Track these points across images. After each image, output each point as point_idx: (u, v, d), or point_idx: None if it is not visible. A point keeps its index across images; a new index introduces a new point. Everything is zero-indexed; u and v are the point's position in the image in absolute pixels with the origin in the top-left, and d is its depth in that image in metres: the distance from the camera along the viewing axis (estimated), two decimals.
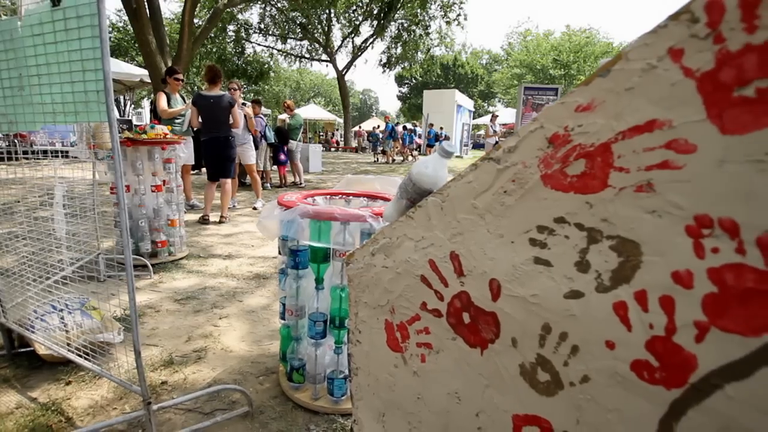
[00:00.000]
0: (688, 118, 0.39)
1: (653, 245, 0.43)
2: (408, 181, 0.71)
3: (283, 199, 1.24)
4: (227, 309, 2.02)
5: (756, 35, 0.35)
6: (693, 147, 0.40)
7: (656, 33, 0.40)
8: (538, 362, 0.56)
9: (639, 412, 0.47)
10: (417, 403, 0.78)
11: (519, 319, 0.57)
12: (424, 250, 0.69)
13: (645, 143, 0.42)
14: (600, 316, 0.48)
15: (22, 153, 1.72)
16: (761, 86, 0.35)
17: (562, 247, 0.51)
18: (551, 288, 0.52)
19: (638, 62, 0.42)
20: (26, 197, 1.88)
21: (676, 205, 0.41)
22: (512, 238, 0.56)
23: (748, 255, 0.38)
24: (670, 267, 0.42)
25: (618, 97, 0.43)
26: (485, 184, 0.57)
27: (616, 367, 0.48)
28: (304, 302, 1.27)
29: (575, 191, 0.48)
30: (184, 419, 1.23)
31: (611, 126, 0.44)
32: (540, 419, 0.58)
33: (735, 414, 0.41)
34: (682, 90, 0.39)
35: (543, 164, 0.51)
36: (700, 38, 0.38)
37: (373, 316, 0.83)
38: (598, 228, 0.47)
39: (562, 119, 0.48)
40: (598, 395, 0.50)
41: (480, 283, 0.61)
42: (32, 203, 1.98)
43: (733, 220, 0.38)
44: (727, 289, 0.39)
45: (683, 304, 0.42)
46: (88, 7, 0.96)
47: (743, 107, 0.37)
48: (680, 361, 0.43)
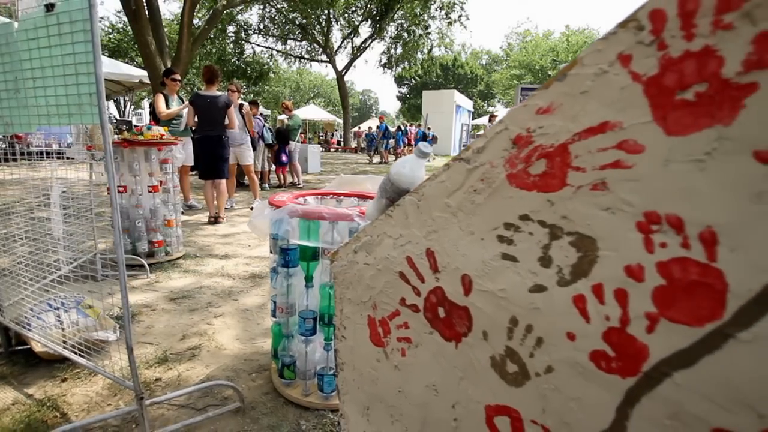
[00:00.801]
0: (636, 120, 0.42)
1: (608, 241, 0.46)
2: (387, 181, 0.73)
3: (274, 199, 1.26)
4: (222, 308, 2.04)
5: (694, 42, 0.37)
6: (641, 147, 0.42)
7: (607, 39, 0.43)
8: (507, 354, 0.58)
9: (598, 400, 0.49)
10: (398, 396, 0.80)
11: (489, 312, 0.59)
12: (402, 247, 0.71)
13: (599, 144, 0.45)
14: (561, 309, 0.50)
15: (20, 154, 1.75)
16: (699, 90, 0.38)
17: (526, 244, 0.53)
18: (517, 282, 0.54)
19: (591, 67, 0.44)
20: (24, 198, 1.91)
21: (627, 202, 0.44)
22: (482, 235, 0.58)
23: (692, 249, 0.40)
24: (624, 261, 0.45)
25: (574, 100, 0.46)
26: (457, 183, 0.60)
27: (577, 357, 0.50)
28: (294, 300, 1.30)
29: (537, 190, 0.51)
30: (177, 415, 1.26)
31: (568, 127, 0.47)
32: (510, 409, 0.60)
33: (682, 400, 0.43)
34: (630, 93, 0.42)
35: (508, 164, 0.53)
36: (645, 45, 0.40)
37: (357, 312, 0.85)
38: (558, 225, 0.50)
39: (525, 121, 0.50)
40: (561, 385, 0.53)
41: (453, 278, 0.63)
42: (30, 204, 2.01)
43: (678, 216, 0.41)
44: (674, 281, 0.42)
45: (635, 297, 0.44)
46: (81, 12, 0.98)
47: (684, 110, 0.39)
48: (634, 351, 0.45)
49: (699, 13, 0.37)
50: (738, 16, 0.35)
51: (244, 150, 4.46)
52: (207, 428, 1.20)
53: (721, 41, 0.36)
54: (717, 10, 0.36)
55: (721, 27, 0.36)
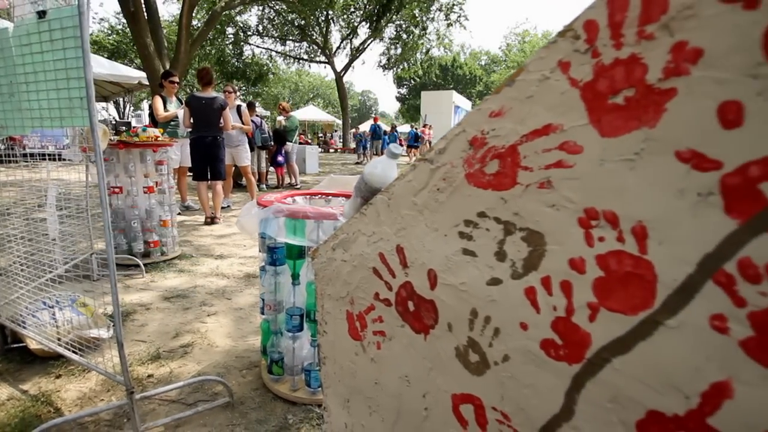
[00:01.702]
0: (574, 122, 0.45)
1: (554, 235, 0.49)
2: (361, 181, 0.76)
3: (262, 199, 1.29)
4: (216, 307, 2.08)
5: (622, 51, 0.40)
6: (580, 148, 0.45)
7: (549, 48, 0.46)
8: (469, 344, 0.61)
9: (549, 386, 0.52)
10: (375, 387, 0.83)
11: (452, 305, 0.62)
12: (375, 244, 0.74)
13: (543, 145, 0.48)
14: (515, 301, 0.54)
15: (16, 156, 1.78)
16: (628, 95, 0.41)
17: (484, 239, 0.56)
18: (476, 276, 0.57)
19: (536, 73, 0.47)
20: (22, 199, 1.94)
21: (569, 199, 0.47)
22: (445, 232, 0.61)
23: (626, 243, 0.43)
24: (568, 255, 0.48)
25: (521, 104, 0.49)
26: (422, 182, 0.63)
27: (529, 346, 0.53)
28: (282, 297, 1.33)
29: (492, 188, 0.54)
30: (167, 410, 1.29)
31: (517, 130, 0.50)
32: (473, 397, 0.63)
33: (621, 384, 0.46)
34: (569, 98, 0.45)
35: (466, 164, 0.56)
36: (581, 53, 0.43)
37: (336, 308, 0.88)
38: (511, 221, 0.53)
39: (480, 124, 0.53)
40: (516, 372, 0.56)
41: (420, 273, 0.66)
42: (26, 204, 2.04)
43: (613, 212, 0.44)
44: (611, 273, 0.45)
45: (578, 288, 0.47)
46: (71, 19, 1.02)
47: (615, 113, 0.42)
48: (578, 338, 0.48)
49: (625, 24, 0.40)
50: (658, 27, 0.38)
51: (241, 151, 4.49)
52: (196, 422, 1.23)
53: (644, 50, 0.39)
54: (640, 21, 0.39)
55: (644, 37, 0.39)
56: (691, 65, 0.37)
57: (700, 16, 0.36)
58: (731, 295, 0.37)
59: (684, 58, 0.37)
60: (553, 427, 0.53)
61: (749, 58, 0.34)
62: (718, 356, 0.39)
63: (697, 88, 0.37)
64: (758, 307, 0.36)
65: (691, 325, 0.40)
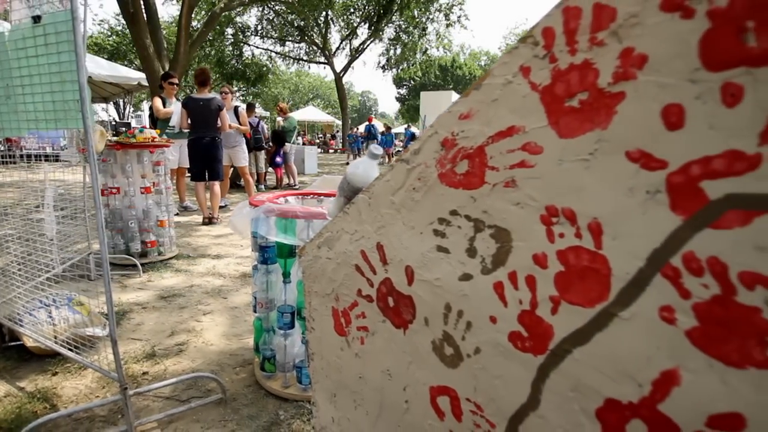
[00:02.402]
0: (535, 124, 0.47)
1: (519, 232, 0.51)
2: (344, 181, 0.78)
3: (254, 198, 1.32)
4: (211, 306, 2.10)
5: (576, 56, 0.43)
6: (540, 149, 0.47)
7: (511, 53, 0.48)
8: (444, 338, 0.63)
9: (517, 376, 0.55)
10: (359, 382, 0.85)
11: (428, 300, 0.64)
12: (357, 242, 0.76)
13: (508, 146, 0.50)
14: (485, 295, 0.56)
15: (13, 157, 1.81)
16: (582, 98, 0.43)
17: (456, 236, 0.58)
18: (449, 272, 0.60)
19: (500, 78, 0.49)
20: (19, 200, 1.96)
21: (532, 197, 0.49)
22: (420, 230, 0.63)
23: (583, 239, 0.45)
24: (531, 250, 0.50)
25: (487, 107, 0.51)
26: (399, 182, 0.65)
27: (498, 338, 0.55)
28: (273, 295, 1.35)
29: (463, 187, 0.56)
30: (161, 406, 1.31)
31: (484, 131, 0.52)
32: (449, 389, 0.65)
33: (581, 374, 0.48)
34: (530, 101, 0.47)
35: (439, 164, 0.58)
36: (540, 58, 0.45)
37: (323, 304, 0.90)
38: (481, 219, 0.55)
39: (450, 126, 0.56)
40: (487, 364, 0.58)
41: (399, 269, 0.68)
42: (24, 205, 2.06)
43: (571, 209, 0.46)
44: (570, 267, 0.47)
45: (541, 282, 0.50)
46: (65, 24, 1.04)
47: (571, 115, 0.44)
48: (542, 331, 0.51)
49: (579, 31, 0.42)
50: (608, 34, 0.40)
51: (238, 152, 4.51)
52: (189, 418, 1.25)
53: (596, 56, 0.41)
54: (592, 28, 0.41)
55: (595, 43, 0.41)
56: (638, 70, 0.39)
57: (644, 24, 0.38)
58: (678, 287, 0.40)
59: (631, 64, 0.39)
60: (521, 416, 0.56)
61: (688, 63, 0.36)
62: (667, 346, 0.41)
63: (643, 91, 0.39)
64: (701, 299, 0.38)
65: (642, 316, 0.42)
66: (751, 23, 0.33)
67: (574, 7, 0.42)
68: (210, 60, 16.53)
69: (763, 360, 0.36)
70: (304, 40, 19.24)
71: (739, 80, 0.34)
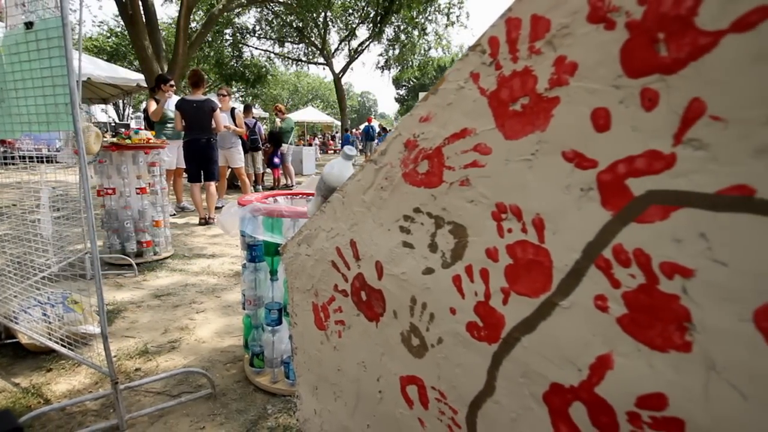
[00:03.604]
0: (484, 126, 0.50)
1: (474, 228, 0.54)
2: (321, 181, 0.81)
3: (243, 198, 1.35)
4: (205, 304, 2.13)
5: (518, 64, 0.46)
6: (490, 149, 0.50)
7: (463, 60, 0.51)
8: (411, 330, 0.67)
9: (474, 364, 0.58)
10: (338, 374, 0.88)
11: (396, 294, 0.67)
12: (332, 239, 0.79)
13: (461, 147, 0.53)
14: (445, 288, 0.59)
15: (10, 158, 1.84)
16: (524, 102, 0.46)
17: (419, 233, 0.61)
18: (414, 266, 0.63)
19: (453, 83, 0.52)
20: (16, 201, 1.99)
21: (484, 195, 0.52)
22: (388, 227, 0.66)
23: (528, 233, 0.49)
24: (485, 245, 0.53)
25: (443, 110, 0.54)
26: (369, 181, 0.68)
27: (457, 329, 0.58)
28: (262, 293, 1.38)
29: (424, 186, 0.59)
30: (152, 401, 1.34)
31: (441, 133, 0.55)
32: (416, 378, 0.68)
33: (529, 360, 0.51)
34: (479, 105, 0.50)
35: (403, 165, 0.61)
36: (487, 65, 0.49)
37: (304, 300, 0.94)
38: (440, 216, 0.58)
39: (412, 128, 0.59)
40: (449, 353, 0.61)
41: (370, 264, 0.71)
42: (21, 206, 2.09)
43: (517, 206, 0.49)
44: (518, 260, 0.50)
45: (494, 275, 0.53)
46: (56, 30, 1.07)
47: (515, 118, 0.47)
48: (495, 320, 0.54)
49: (520, 40, 0.45)
50: (544, 43, 0.43)
51: (234, 153, 4.54)
52: (179, 412, 1.28)
53: (534, 63, 0.44)
54: (530, 38, 0.44)
55: (533, 52, 0.44)
56: (570, 76, 0.42)
57: (574, 34, 0.41)
58: (609, 277, 0.43)
59: (564, 71, 0.42)
60: (479, 402, 0.59)
61: (612, 70, 0.39)
62: (601, 332, 0.44)
63: (574, 96, 0.42)
64: (629, 288, 0.42)
65: (579, 305, 0.45)
66: (662, 35, 0.36)
67: (515, 18, 0.45)
68: (209, 61, 16.56)
69: (682, 344, 0.39)
70: (303, 41, 19.27)
71: (655, 86, 0.37)
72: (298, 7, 14.92)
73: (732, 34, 0.33)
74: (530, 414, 0.52)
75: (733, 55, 0.33)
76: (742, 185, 0.34)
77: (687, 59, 0.35)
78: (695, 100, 0.36)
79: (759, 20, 0.32)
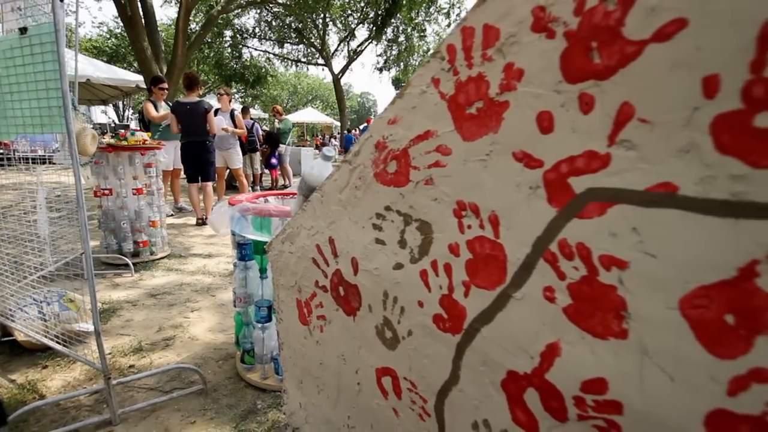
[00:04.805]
0: (445, 129, 0.53)
1: (438, 225, 0.57)
2: (302, 181, 0.84)
3: (233, 198, 1.38)
4: (200, 303, 2.16)
5: (473, 70, 0.49)
6: (450, 150, 0.53)
7: (425, 66, 0.54)
8: (384, 323, 0.69)
9: (440, 355, 0.61)
10: (320, 367, 0.91)
11: (370, 288, 0.70)
12: (313, 236, 0.82)
13: (425, 148, 0.56)
14: (413, 282, 0.62)
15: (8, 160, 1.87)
16: (479, 106, 0.49)
17: (390, 230, 0.64)
18: (385, 262, 0.66)
19: (417, 87, 0.55)
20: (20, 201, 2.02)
21: (446, 194, 0.55)
22: (363, 224, 0.69)
23: (485, 229, 0.51)
24: (447, 241, 0.56)
25: (409, 113, 0.57)
26: (344, 181, 0.71)
27: (425, 321, 0.61)
28: (252, 291, 1.41)
29: (393, 185, 0.62)
30: (145, 396, 1.37)
31: (407, 135, 0.58)
32: (390, 369, 0.71)
33: (488, 350, 0.54)
34: (440, 108, 0.53)
35: (374, 165, 0.64)
36: (446, 71, 0.51)
37: (288, 296, 0.96)
38: (408, 213, 0.61)
39: (381, 130, 0.62)
40: (418, 345, 0.64)
41: (346, 261, 0.74)
42: (18, 206, 2.13)
43: (475, 203, 0.52)
44: (477, 255, 0.53)
45: (456, 269, 0.56)
46: (50, 35, 1.10)
47: (471, 121, 0.50)
48: (457, 312, 0.57)
49: (474, 48, 0.48)
50: (495, 50, 0.46)
51: (233, 154, 4.57)
52: (171, 407, 1.31)
53: (487, 69, 0.47)
54: (483, 45, 0.47)
55: (486, 59, 0.47)
56: (517, 82, 0.45)
57: (520, 43, 0.44)
58: (556, 270, 0.46)
59: (512, 77, 0.45)
60: (445, 391, 0.62)
61: (553, 76, 0.42)
62: (550, 321, 0.47)
63: (522, 100, 0.45)
64: (573, 280, 0.44)
65: (531, 296, 0.48)
66: (595, 43, 0.39)
67: (469, 27, 0.48)
68: (209, 62, 16.60)
69: (620, 331, 0.42)
70: (303, 41, 19.30)
71: (591, 91, 0.40)
72: (297, 8, 14.96)
73: (654, 44, 0.36)
74: (490, 401, 0.55)
75: (656, 62, 0.36)
76: (667, 183, 0.37)
77: (617, 66, 0.38)
78: (625, 103, 0.38)
79: (675, 31, 0.35)
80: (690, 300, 0.37)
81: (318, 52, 19.51)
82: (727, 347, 0.36)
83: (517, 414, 0.52)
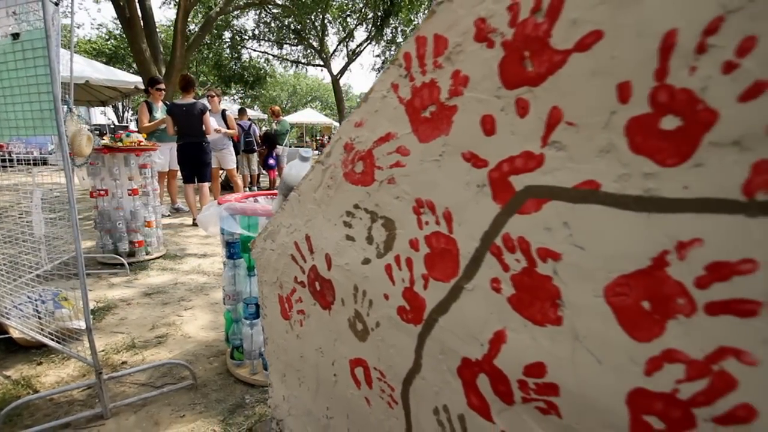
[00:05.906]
0: (403, 131, 0.56)
1: (400, 221, 0.60)
2: (282, 181, 0.88)
3: (222, 198, 1.41)
4: (193, 301, 2.19)
5: (426, 76, 0.52)
6: (408, 151, 0.57)
7: (386, 72, 0.58)
8: (356, 315, 0.73)
9: (404, 345, 0.64)
10: (301, 360, 0.94)
11: (342, 283, 0.74)
12: (291, 234, 0.86)
13: (387, 149, 0.59)
14: (379, 276, 0.65)
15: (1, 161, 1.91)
16: (432, 110, 0.53)
17: (359, 227, 0.68)
18: (355, 257, 0.69)
19: (379, 92, 0.59)
20: (9, 202, 2.06)
21: (406, 192, 0.58)
22: (335, 222, 0.73)
23: (441, 225, 0.55)
24: (408, 236, 0.59)
25: (372, 116, 0.61)
26: (318, 181, 0.74)
27: (390, 313, 0.65)
28: (240, 288, 1.45)
29: (361, 185, 0.65)
30: (136, 391, 1.41)
31: (371, 137, 0.61)
32: (362, 360, 0.74)
33: (445, 339, 0.57)
34: (399, 112, 0.56)
35: (343, 165, 0.68)
36: (403, 77, 0.55)
37: (271, 292, 1.00)
38: (374, 211, 0.64)
39: (349, 132, 0.65)
40: (385, 336, 0.67)
41: (321, 257, 0.78)
42: (14, 207, 2.16)
43: (431, 201, 0.55)
44: (434, 249, 0.56)
45: (416, 263, 0.59)
46: (41, 41, 1.14)
47: (426, 124, 0.54)
48: (418, 304, 0.60)
49: (426, 56, 0.52)
50: (444, 58, 0.50)
51: (226, 155, 4.60)
52: (161, 402, 1.34)
53: (438, 76, 0.51)
54: (434, 53, 0.51)
55: (437, 66, 0.51)
56: (464, 88, 0.49)
57: (465, 51, 0.48)
58: (501, 262, 0.49)
59: (459, 83, 0.49)
60: (410, 379, 0.65)
61: (494, 83, 0.46)
62: (497, 310, 0.50)
63: (468, 105, 0.48)
64: (516, 271, 0.48)
65: (480, 287, 0.52)
66: (527, 52, 0.42)
67: (422, 36, 0.52)
68: (208, 63, 16.66)
69: (555, 318, 0.45)
70: (302, 42, 19.34)
71: (526, 96, 0.44)
72: (295, 9, 15.00)
73: (576, 53, 0.39)
74: (448, 387, 0.59)
75: (578, 70, 0.40)
76: (591, 180, 0.41)
77: (546, 73, 0.42)
78: (554, 108, 0.42)
79: (593, 42, 0.38)
80: (613, 288, 0.41)
81: (317, 52, 19.55)
82: (644, 331, 0.39)
83: (471, 399, 0.56)
